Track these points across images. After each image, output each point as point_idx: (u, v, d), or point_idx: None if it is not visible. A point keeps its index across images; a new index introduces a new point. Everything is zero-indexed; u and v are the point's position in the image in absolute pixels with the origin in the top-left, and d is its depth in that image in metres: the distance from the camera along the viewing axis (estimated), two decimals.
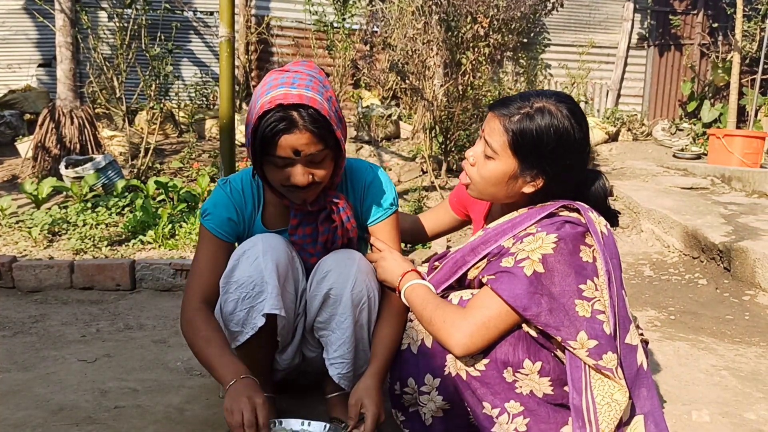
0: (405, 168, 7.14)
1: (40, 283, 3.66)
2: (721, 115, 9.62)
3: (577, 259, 1.65)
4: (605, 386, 1.62)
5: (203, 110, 8.65)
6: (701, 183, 6.95)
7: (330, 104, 1.77)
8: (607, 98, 10.73)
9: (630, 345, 1.70)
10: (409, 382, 1.82)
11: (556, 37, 10.47)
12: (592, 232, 1.68)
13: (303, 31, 9.28)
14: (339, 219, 1.93)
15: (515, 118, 1.69)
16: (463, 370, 1.71)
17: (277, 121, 1.69)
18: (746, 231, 4.60)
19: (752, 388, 2.49)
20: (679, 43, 10.70)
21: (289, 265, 1.91)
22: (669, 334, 3.14)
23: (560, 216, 1.72)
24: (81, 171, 5.94)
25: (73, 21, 6.88)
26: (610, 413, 1.61)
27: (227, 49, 2.93)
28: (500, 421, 1.70)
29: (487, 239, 1.78)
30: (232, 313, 1.87)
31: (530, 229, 1.70)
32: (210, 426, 2.02)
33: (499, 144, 1.72)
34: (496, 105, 1.76)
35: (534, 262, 1.62)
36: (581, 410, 1.62)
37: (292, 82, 1.74)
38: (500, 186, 1.77)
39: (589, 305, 1.62)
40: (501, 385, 1.69)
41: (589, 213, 1.72)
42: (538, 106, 1.69)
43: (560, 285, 1.62)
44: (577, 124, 1.71)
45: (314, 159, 1.76)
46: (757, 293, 3.85)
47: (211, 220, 1.95)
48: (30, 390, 2.27)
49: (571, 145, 1.70)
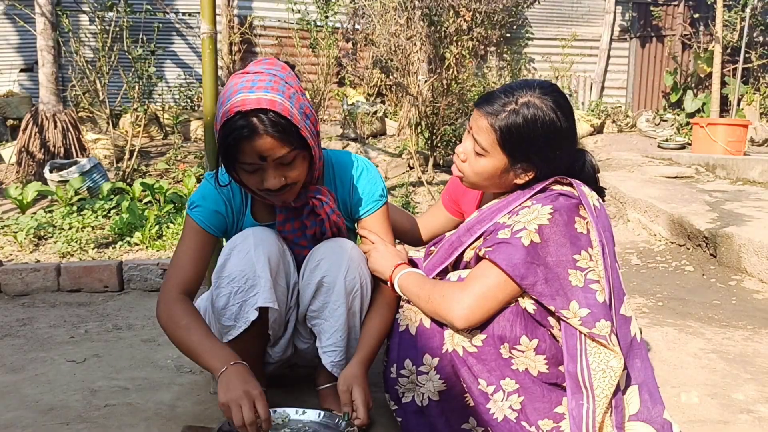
0: (392, 164, 7.15)
1: (27, 287, 3.64)
2: (704, 105, 9.70)
3: (572, 230, 1.67)
4: (600, 354, 1.64)
5: (188, 112, 8.63)
6: (686, 172, 6.99)
7: (293, 101, 1.73)
8: (591, 91, 10.78)
9: (624, 316, 1.72)
10: (406, 364, 1.82)
11: (539, 31, 10.51)
12: (585, 204, 1.71)
13: (286, 30, 9.26)
14: (324, 213, 1.92)
15: (502, 116, 1.70)
16: (460, 346, 1.72)
17: (237, 129, 1.67)
18: (731, 217, 4.64)
19: (740, 370, 2.51)
20: (661, 34, 10.77)
21: (281, 258, 1.91)
22: (657, 320, 3.16)
23: (554, 189, 1.75)
24: (66, 175, 5.91)
25: (54, 24, 6.84)
26: (605, 380, 1.63)
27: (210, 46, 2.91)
28: (495, 399, 1.71)
29: (482, 218, 1.81)
30: (225, 308, 1.86)
31: (525, 203, 1.73)
32: (201, 422, 2.01)
33: (488, 142, 1.74)
34: (482, 102, 1.77)
35: (530, 233, 1.65)
36: (576, 377, 1.64)
37: (251, 85, 1.70)
38: (493, 179, 1.80)
39: (582, 275, 1.65)
40: (497, 362, 1.70)
41: (582, 187, 1.75)
42: (523, 102, 1.70)
43: (555, 255, 1.64)
44: (563, 114, 1.72)
45: (283, 161, 1.73)
46: (743, 278, 3.88)
47: (199, 212, 1.92)
48: (19, 391, 2.25)
49: (558, 135, 1.72)
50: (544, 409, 1.71)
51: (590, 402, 1.64)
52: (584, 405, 1.64)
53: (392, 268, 1.91)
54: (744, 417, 2.11)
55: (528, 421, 1.71)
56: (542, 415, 1.71)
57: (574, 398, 1.65)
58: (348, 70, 9.23)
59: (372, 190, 2.02)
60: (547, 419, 1.71)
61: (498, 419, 1.72)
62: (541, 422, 1.71)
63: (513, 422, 1.71)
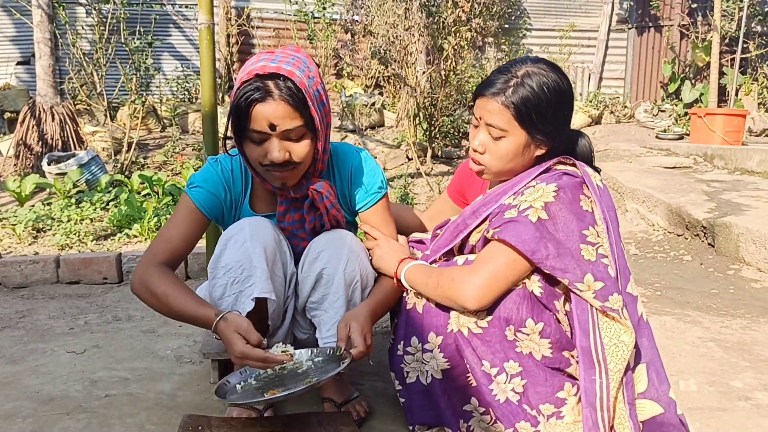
0: (390, 156, 7.15)
1: (26, 279, 3.64)
2: (702, 95, 9.68)
3: (578, 207, 1.70)
4: (612, 328, 1.66)
5: (186, 104, 8.60)
6: (684, 162, 6.99)
7: (311, 83, 1.75)
8: (589, 82, 10.76)
9: (631, 294, 1.75)
10: (413, 341, 1.84)
11: (537, 22, 10.48)
12: (588, 183, 1.74)
13: (283, 21, 9.23)
14: (323, 207, 1.92)
15: (509, 92, 1.73)
16: (465, 327, 1.73)
17: (252, 91, 1.68)
18: (729, 207, 4.65)
19: (738, 358, 2.52)
20: (659, 24, 10.74)
21: (277, 249, 1.91)
22: (655, 309, 3.17)
23: (557, 169, 1.78)
24: (64, 167, 5.90)
25: (51, 17, 6.82)
26: (618, 354, 1.66)
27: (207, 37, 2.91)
28: (498, 380, 1.72)
29: (487, 201, 1.82)
30: (221, 299, 1.86)
31: (530, 183, 1.75)
32: (202, 411, 2.02)
33: (504, 121, 1.75)
34: (483, 88, 1.79)
35: (537, 210, 1.67)
36: (590, 352, 1.66)
37: (274, 58, 1.74)
38: (517, 159, 1.80)
39: (594, 249, 1.67)
40: (502, 344, 1.71)
41: (585, 167, 1.78)
42: (522, 73, 1.74)
43: (564, 231, 1.66)
44: (560, 73, 1.78)
45: (290, 135, 1.74)
46: (741, 267, 3.89)
47: (198, 192, 1.91)
48: (19, 382, 2.26)
49: (564, 96, 1.77)
50: (545, 393, 1.72)
51: (603, 377, 1.66)
52: (597, 380, 1.66)
53: (396, 264, 1.91)
54: (742, 404, 2.12)
55: (529, 404, 1.72)
56: (543, 399, 1.72)
57: (587, 374, 1.67)
58: (346, 61, 9.21)
59: (371, 182, 2.01)
60: (548, 404, 1.72)
61: (500, 400, 1.73)
62: (542, 406, 1.72)
63: (515, 404, 1.72)
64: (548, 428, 1.72)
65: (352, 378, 2.26)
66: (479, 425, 1.80)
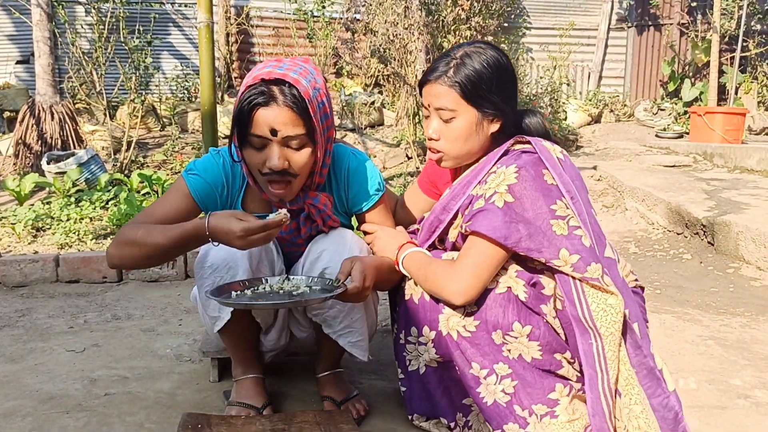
0: (390, 154, 7.15)
1: (26, 278, 3.64)
2: (702, 94, 9.67)
3: (542, 183, 1.72)
4: (597, 294, 1.69)
5: (185, 103, 8.59)
6: (684, 160, 6.99)
7: (316, 93, 1.75)
8: (588, 80, 10.75)
9: (610, 258, 1.77)
10: (413, 331, 1.86)
11: (537, 20, 10.47)
12: (545, 159, 1.75)
13: (283, 20, 9.22)
14: (320, 219, 1.92)
15: (451, 73, 1.78)
16: (454, 330, 1.75)
17: (256, 95, 1.68)
18: (729, 205, 4.65)
19: (737, 356, 2.52)
20: (659, 23, 10.73)
21: (263, 248, 1.91)
22: (655, 307, 3.17)
23: (515, 150, 1.81)
24: (63, 166, 5.89)
25: (50, 15, 6.81)
26: (606, 318, 1.68)
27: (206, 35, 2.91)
28: (488, 382, 1.73)
29: (455, 194, 1.84)
30: (209, 299, 1.87)
31: (491, 170, 1.78)
32: (201, 409, 2.02)
33: (452, 101, 1.79)
34: (426, 75, 1.85)
35: (502, 194, 1.69)
36: (580, 319, 1.69)
37: (281, 65, 1.74)
38: (472, 138, 1.83)
39: (565, 223, 1.69)
40: (490, 346, 1.72)
41: (542, 142, 1.80)
42: (461, 54, 1.80)
43: (532, 210, 1.68)
44: (498, 50, 1.84)
45: (291, 143, 1.73)
46: (740, 266, 3.89)
47: (195, 180, 1.88)
48: (19, 381, 2.26)
49: (505, 70, 1.82)
50: (537, 395, 1.72)
51: (598, 340, 1.68)
52: (593, 344, 1.68)
53: (396, 249, 1.92)
54: (741, 402, 2.13)
55: (521, 405, 1.72)
56: (535, 400, 1.72)
57: (583, 339, 1.69)
58: (345, 60, 9.20)
59: (368, 184, 2.00)
60: (541, 404, 1.72)
61: (487, 403, 1.74)
62: (535, 407, 1.72)
63: (502, 407, 1.73)
64: (539, 428, 1.72)
65: (352, 376, 2.26)
66: (477, 419, 1.81)
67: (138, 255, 1.75)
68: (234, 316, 1.87)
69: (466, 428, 1.84)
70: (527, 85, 9.35)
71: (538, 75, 10.09)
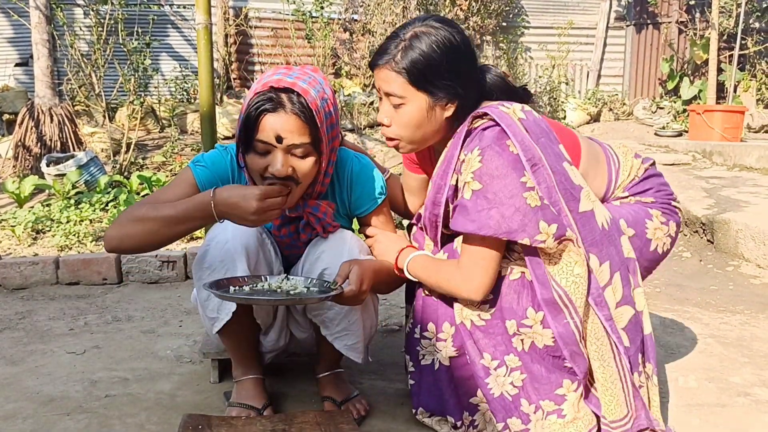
0: (389, 154, 7.15)
1: (26, 280, 3.64)
2: (701, 92, 9.67)
3: (508, 155, 1.65)
4: (563, 269, 1.66)
5: (184, 104, 8.59)
6: (683, 159, 7.00)
7: (323, 103, 1.76)
8: (587, 79, 10.76)
9: (585, 212, 1.71)
10: (429, 327, 1.86)
11: (535, 20, 10.47)
12: (506, 126, 1.67)
13: (281, 21, 9.22)
14: (320, 226, 1.91)
15: (398, 57, 1.71)
16: (468, 320, 1.74)
17: (264, 101, 1.69)
18: (728, 203, 4.65)
19: (737, 354, 2.53)
20: (657, 21, 10.73)
21: (260, 248, 1.91)
22: (655, 306, 3.17)
23: (475, 128, 1.73)
24: (63, 168, 5.89)
25: (49, 18, 6.80)
26: (578, 290, 1.66)
27: (205, 37, 2.91)
28: (498, 373, 1.73)
29: (438, 188, 1.81)
30: (207, 300, 1.88)
31: (461, 156, 1.73)
32: (201, 410, 2.02)
33: (399, 88, 1.72)
34: (376, 57, 1.77)
35: (469, 183, 1.66)
36: (554, 300, 1.66)
37: (290, 74, 1.75)
38: (424, 124, 1.77)
39: (536, 193, 1.64)
40: (504, 336, 1.72)
41: (499, 109, 1.72)
42: (411, 35, 1.72)
43: (505, 188, 1.62)
44: (453, 28, 1.74)
45: (296, 151, 1.73)
46: (740, 264, 3.89)
47: (203, 172, 1.89)
48: (19, 383, 2.26)
49: (458, 50, 1.73)
50: (544, 390, 1.72)
51: (575, 315, 1.66)
52: (570, 321, 1.66)
53: (396, 254, 1.91)
54: (741, 400, 2.13)
55: (528, 399, 1.72)
56: (543, 395, 1.72)
57: (557, 320, 1.66)
58: (344, 60, 9.20)
59: (371, 188, 2.00)
60: (548, 400, 1.72)
61: (494, 395, 1.74)
62: (543, 402, 1.72)
63: (509, 400, 1.72)
64: (538, 427, 1.72)
65: (352, 377, 2.27)
66: (483, 418, 1.81)
67: (142, 231, 1.74)
68: (233, 317, 1.88)
69: (471, 427, 1.83)
70: (526, 84, 9.35)
71: (537, 74, 10.09)
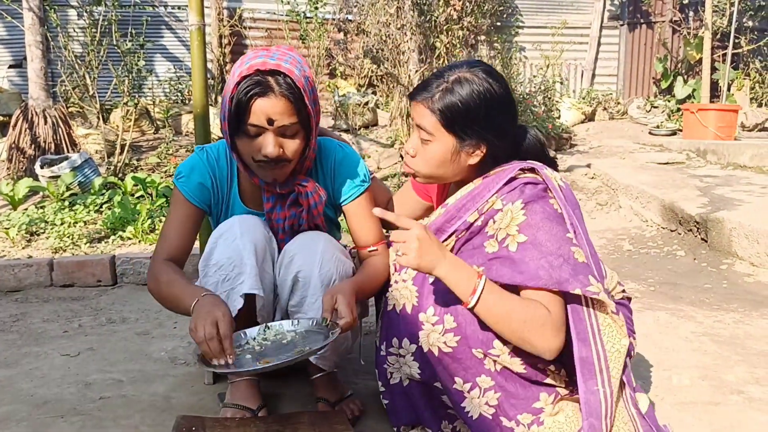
0: (384, 155, 7.15)
1: (20, 283, 3.63)
2: (695, 91, 9.69)
3: (552, 212, 1.66)
4: (612, 333, 1.63)
5: (179, 106, 8.59)
6: (677, 158, 7.02)
7: (306, 81, 1.79)
8: (582, 79, 10.77)
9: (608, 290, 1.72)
10: (394, 342, 1.81)
11: (529, 19, 10.48)
12: (551, 188, 1.71)
13: (276, 22, 9.22)
14: (306, 203, 1.92)
15: (437, 97, 1.71)
16: (435, 347, 1.68)
17: (253, 85, 1.71)
18: (722, 202, 4.67)
19: (731, 352, 2.53)
20: (651, 20, 10.75)
21: (267, 245, 1.92)
22: (649, 304, 3.18)
23: (518, 179, 1.72)
24: (57, 170, 5.88)
25: (42, 19, 6.79)
26: (619, 360, 1.63)
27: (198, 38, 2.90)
28: (472, 396, 1.69)
29: (449, 217, 1.78)
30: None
31: (495, 203, 1.70)
32: (196, 412, 2.02)
33: (431, 126, 1.73)
34: (416, 91, 1.78)
35: (514, 236, 1.63)
36: (591, 361, 1.60)
37: (272, 55, 1.77)
38: (446, 165, 1.77)
39: (580, 250, 1.63)
40: (472, 361, 1.67)
41: (545, 170, 1.75)
42: (454, 78, 1.72)
43: (552, 240, 1.61)
44: (496, 81, 1.74)
45: (286, 132, 1.77)
46: (734, 262, 3.91)
47: (185, 183, 1.94)
48: (13, 385, 2.25)
49: (497, 103, 1.72)
50: (521, 405, 1.69)
51: (607, 386, 1.61)
52: (600, 390, 1.60)
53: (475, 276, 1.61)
54: (735, 398, 2.13)
55: (507, 416, 1.69)
56: (520, 410, 1.69)
57: (587, 385, 1.60)
58: (339, 61, 9.20)
59: (354, 175, 2.01)
60: (526, 413, 1.69)
61: (473, 417, 1.70)
62: (520, 416, 1.69)
63: (489, 419, 1.69)
64: None
65: (346, 377, 2.27)
66: (465, 426, 1.79)
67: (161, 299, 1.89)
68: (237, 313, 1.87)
69: None
70: (521, 84, 9.36)
71: (531, 74, 10.10)
